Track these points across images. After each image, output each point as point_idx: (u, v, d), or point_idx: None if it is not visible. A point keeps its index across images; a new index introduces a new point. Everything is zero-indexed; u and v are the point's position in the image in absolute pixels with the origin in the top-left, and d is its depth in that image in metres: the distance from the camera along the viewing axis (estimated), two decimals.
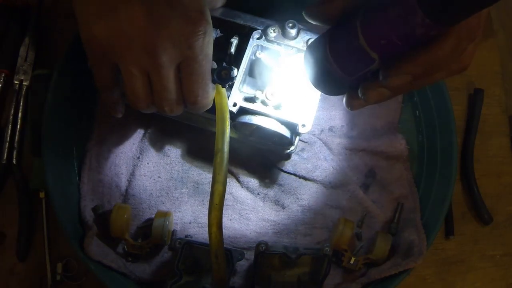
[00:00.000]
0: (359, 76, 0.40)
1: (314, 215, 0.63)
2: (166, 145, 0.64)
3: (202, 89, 0.48)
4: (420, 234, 0.58)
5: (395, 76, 0.37)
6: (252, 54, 0.56)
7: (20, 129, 0.64)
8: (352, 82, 0.41)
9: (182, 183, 0.63)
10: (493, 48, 0.74)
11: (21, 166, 0.63)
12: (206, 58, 0.47)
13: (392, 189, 0.64)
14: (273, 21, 0.57)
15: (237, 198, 0.63)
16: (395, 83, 0.38)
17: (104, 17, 0.43)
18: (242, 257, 0.58)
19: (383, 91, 0.39)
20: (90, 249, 0.54)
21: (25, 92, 0.65)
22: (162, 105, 0.48)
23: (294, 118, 0.54)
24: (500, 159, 0.71)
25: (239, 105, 0.54)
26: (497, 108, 0.72)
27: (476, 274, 0.66)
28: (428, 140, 0.65)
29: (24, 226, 0.61)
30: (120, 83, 0.50)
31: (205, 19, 0.44)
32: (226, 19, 0.57)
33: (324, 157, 0.64)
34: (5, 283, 0.60)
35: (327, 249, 0.57)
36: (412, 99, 0.68)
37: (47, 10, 0.68)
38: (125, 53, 0.45)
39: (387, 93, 0.40)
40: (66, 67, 0.60)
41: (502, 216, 0.68)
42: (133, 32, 0.43)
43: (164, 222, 0.57)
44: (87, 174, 0.60)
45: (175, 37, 0.44)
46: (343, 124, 0.66)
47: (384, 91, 0.39)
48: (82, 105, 0.63)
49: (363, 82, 0.40)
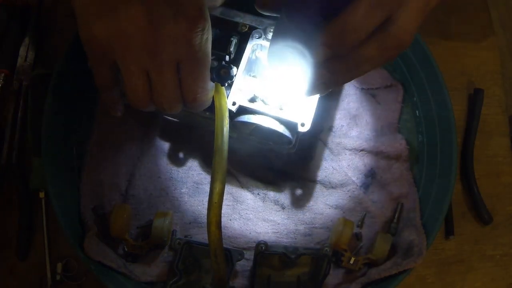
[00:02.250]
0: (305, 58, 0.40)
1: (314, 215, 0.63)
2: (166, 145, 0.64)
3: (201, 87, 0.48)
4: (420, 234, 0.58)
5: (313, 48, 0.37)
6: (251, 53, 0.56)
7: (20, 129, 0.64)
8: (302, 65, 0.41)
9: (182, 183, 0.63)
10: (493, 48, 0.74)
11: (21, 166, 0.63)
12: (205, 56, 0.47)
13: (392, 189, 0.64)
14: (273, 20, 0.57)
15: (237, 198, 0.63)
16: (316, 57, 0.37)
17: (103, 16, 0.43)
18: (242, 257, 0.58)
19: (319, 71, 0.39)
20: (90, 249, 0.54)
21: (25, 92, 0.65)
22: (161, 103, 0.49)
23: (294, 117, 0.54)
24: (500, 159, 0.70)
25: (238, 104, 0.54)
26: (497, 108, 0.72)
27: (476, 274, 0.66)
28: (428, 140, 0.65)
29: (24, 226, 0.61)
30: (120, 82, 0.50)
31: (203, 17, 0.44)
32: (225, 18, 0.57)
33: (324, 157, 0.64)
34: (5, 283, 0.60)
35: (327, 249, 0.58)
36: (412, 99, 0.68)
37: (47, 10, 0.68)
38: (125, 52, 0.45)
39: (324, 73, 0.39)
40: (66, 67, 0.60)
41: (502, 216, 0.68)
42: (132, 31, 0.43)
43: (164, 222, 0.57)
44: (87, 174, 0.60)
45: (174, 35, 0.44)
46: (343, 124, 0.66)
47: (320, 71, 0.39)
48: (82, 105, 0.63)
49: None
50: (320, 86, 0.42)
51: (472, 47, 0.74)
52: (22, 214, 0.61)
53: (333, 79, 0.41)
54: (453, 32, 0.74)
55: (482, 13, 0.76)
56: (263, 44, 0.56)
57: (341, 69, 0.39)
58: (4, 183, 0.63)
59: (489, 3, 0.76)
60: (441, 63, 0.64)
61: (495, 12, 0.76)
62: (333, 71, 0.39)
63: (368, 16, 0.35)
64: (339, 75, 0.40)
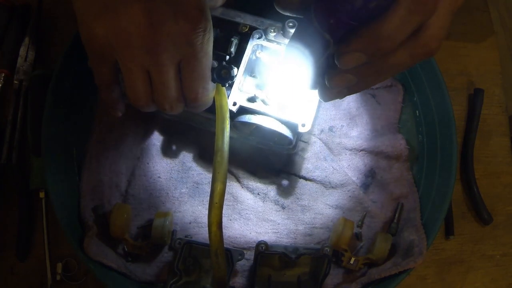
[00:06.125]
0: (323, 62, 0.39)
1: (314, 215, 0.63)
2: (166, 145, 0.64)
3: (202, 86, 0.48)
4: (420, 234, 0.58)
5: (345, 54, 0.37)
6: (252, 53, 0.56)
7: (20, 129, 0.64)
8: (318, 70, 0.40)
9: (182, 183, 0.63)
10: (493, 48, 0.74)
11: (21, 166, 0.63)
12: (206, 56, 0.47)
13: (392, 189, 0.64)
14: (273, 20, 0.57)
15: (237, 198, 0.63)
16: (348, 62, 0.37)
17: (104, 16, 0.43)
18: (242, 257, 0.58)
19: (346, 76, 0.39)
20: (90, 249, 0.54)
21: (25, 92, 0.65)
22: (162, 103, 0.48)
23: (294, 117, 0.54)
24: (500, 159, 0.71)
25: (239, 104, 0.54)
26: (497, 108, 0.73)
27: (476, 274, 0.66)
28: (428, 140, 0.65)
29: (24, 226, 0.61)
30: (120, 82, 0.50)
31: (204, 17, 0.44)
32: (226, 18, 0.57)
33: (324, 157, 0.64)
34: (5, 283, 0.60)
35: (327, 249, 0.58)
36: (412, 99, 0.68)
37: (47, 10, 0.68)
38: (125, 52, 0.45)
39: (351, 78, 0.39)
40: (66, 67, 0.60)
41: (502, 216, 0.68)
42: (133, 31, 0.43)
43: (164, 222, 0.57)
44: (87, 174, 0.60)
45: (175, 35, 0.44)
46: (343, 124, 0.66)
47: (348, 76, 0.39)
48: (82, 105, 0.63)
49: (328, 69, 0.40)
50: (343, 91, 0.41)
51: (472, 47, 0.74)
52: (22, 214, 0.61)
53: (358, 84, 0.40)
54: (453, 32, 0.74)
55: (482, 13, 0.76)
56: (264, 45, 0.56)
57: (367, 74, 0.39)
58: (4, 183, 0.62)
59: (489, 3, 0.76)
60: (441, 63, 0.64)
61: (495, 12, 0.76)
62: (360, 76, 0.39)
63: (404, 24, 0.35)
64: (365, 80, 0.40)
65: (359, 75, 0.39)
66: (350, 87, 0.41)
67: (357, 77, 0.39)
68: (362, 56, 0.36)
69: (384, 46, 0.36)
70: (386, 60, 0.38)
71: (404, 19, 0.34)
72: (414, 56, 0.38)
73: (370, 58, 0.37)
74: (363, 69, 0.38)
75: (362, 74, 0.39)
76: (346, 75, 0.39)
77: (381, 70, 0.39)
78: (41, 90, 0.62)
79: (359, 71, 0.39)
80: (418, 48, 0.37)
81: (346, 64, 0.37)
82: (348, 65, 0.37)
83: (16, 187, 0.62)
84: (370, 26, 0.35)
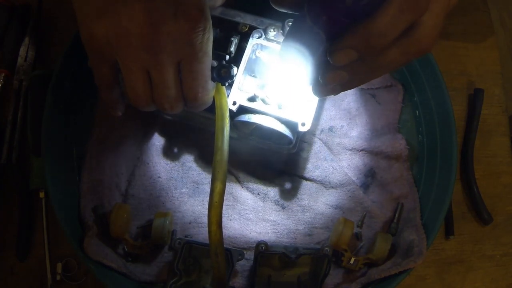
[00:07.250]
0: (317, 59, 0.39)
1: (314, 215, 0.63)
2: (166, 145, 0.64)
3: (202, 86, 0.48)
4: (420, 234, 0.58)
5: (338, 50, 0.37)
6: (252, 53, 0.56)
7: (20, 129, 0.64)
8: (312, 66, 0.41)
9: (182, 183, 0.63)
10: (493, 48, 0.74)
11: (21, 166, 0.63)
12: (206, 55, 0.47)
13: (392, 189, 0.64)
14: (273, 20, 0.57)
15: (237, 198, 0.63)
16: (340, 59, 0.37)
17: (103, 15, 0.43)
18: (242, 257, 0.58)
19: (339, 73, 0.39)
20: (90, 249, 0.54)
21: (25, 92, 0.65)
22: (162, 103, 0.48)
23: (294, 117, 0.54)
24: (500, 159, 0.70)
25: (238, 103, 0.54)
26: (497, 108, 0.72)
27: (476, 274, 0.66)
28: (428, 140, 0.65)
29: (24, 226, 0.61)
30: (120, 82, 0.50)
31: (204, 16, 0.44)
32: (226, 18, 0.57)
33: (324, 157, 0.64)
34: (5, 283, 0.60)
35: (327, 249, 0.57)
36: (412, 99, 0.68)
37: (47, 10, 0.68)
38: (125, 51, 0.45)
39: (344, 74, 0.39)
40: (66, 67, 0.60)
41: (502, 216, 0.68)
42: (132, 30, 0.43)
43: (164, 222, 0.57)
44: (87, 174, 0.60)
45: (174, 34, 0.44)
46: (343, 124, 0.66)
47: (341, 73, 0.39)
48: (82, 105, 0.63)
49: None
50: (337, 87, 0.42)
51: (472, 47, 0.74)
52: (22, 214, 0.61)
53: (350, 81, 0.40)
54: (453, 32, 0.74)
55: (482, 13, 0.76)
56: (264, 44, 0.56)
57: (360, 71, 0.39)
58: (4, 183, 0.62)
59: (489, 3, 0.76)
60: (441, 63, 0.64)
61: (495, 12, 0.76)
62: (352, 73, 0.39)
63: (396, 22, 0.35)
64: (357, 77, 0.40)
65: (352, 72, 0.39)
66: (343, 84, 0.41)
67: (350, 74, 0.39)
68: (354, 53, 0.36)
69: (376, 43, 0.36)
70: (378, 57, 0.38)
71: (396, 16, 0.35)
72: (406, 54, 0.38)
73: (362, 55, 0.37)
74: (356, 66, 0.39)
75: (355, 71, 0.39)
76: (339, 72, 0.39)
77: (374, 68, 0.39)
78: (41, 90, 0.62)
79: (352, 68, 0.39)
80: (410, 46, 0.37)
81: (338, 60, 0.37)
82: (340, 61, 0.37)
83: (16, 187, 0.62)
84: (362, 23, 0.35)
